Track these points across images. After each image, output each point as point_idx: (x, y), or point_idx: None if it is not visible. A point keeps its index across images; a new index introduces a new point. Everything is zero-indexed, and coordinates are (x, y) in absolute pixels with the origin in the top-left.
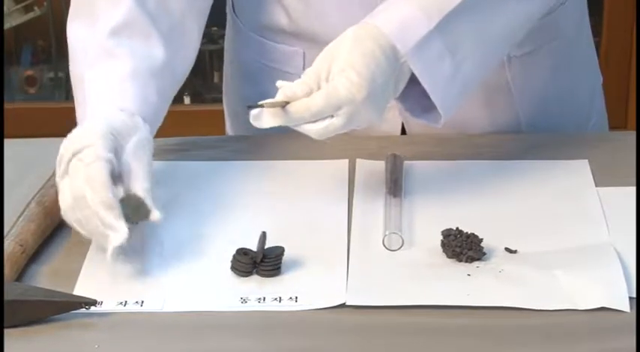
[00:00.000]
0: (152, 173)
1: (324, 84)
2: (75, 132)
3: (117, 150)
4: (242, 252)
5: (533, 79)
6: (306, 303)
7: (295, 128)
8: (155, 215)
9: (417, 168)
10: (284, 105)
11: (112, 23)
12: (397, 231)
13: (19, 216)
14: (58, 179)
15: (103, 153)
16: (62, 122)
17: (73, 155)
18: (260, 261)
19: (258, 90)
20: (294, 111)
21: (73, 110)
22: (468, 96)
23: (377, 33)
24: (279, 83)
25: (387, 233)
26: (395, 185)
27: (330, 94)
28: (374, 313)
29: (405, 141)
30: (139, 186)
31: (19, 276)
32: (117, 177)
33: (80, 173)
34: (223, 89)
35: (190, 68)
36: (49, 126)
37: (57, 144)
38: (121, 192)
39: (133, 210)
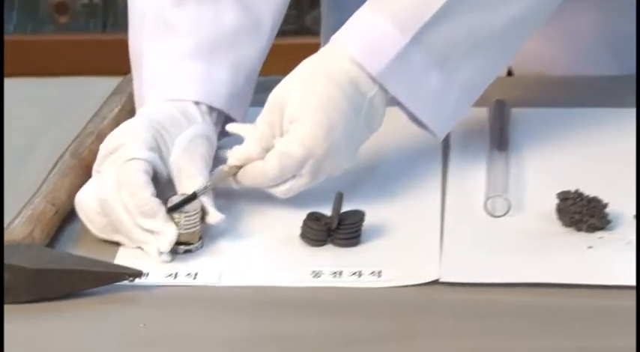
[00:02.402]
0: (207, 174)
1: (278, 142)
2: (115, 129)
3: (161, 150)
4: (314, 217)
5: None
6: (392, 279)
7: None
8: (216, 216)
9: (528, 116)
10: (237, 171)
11: None
12: (502, 194)
13: (51, 170)
14: (93, 175)
15: (138, 151)
16: (99, 57)
17: (108, 155)
18: (335, 228)
19: (342, 19)
20: (249, 179)
21: (110, 43)
22: (471, 104)
23: (336, 65)
24: (225, 152)
25: (490, 195)
26: (500, 137)
27: (284, 156)
28: (472, 291)
29: (512, 84)
30: (190, 185)
31: (51, 241)
32: (166, 182)
33: (109, 174)
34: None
35: (280, 22)
36: (84, 61)
37: (94, 83)
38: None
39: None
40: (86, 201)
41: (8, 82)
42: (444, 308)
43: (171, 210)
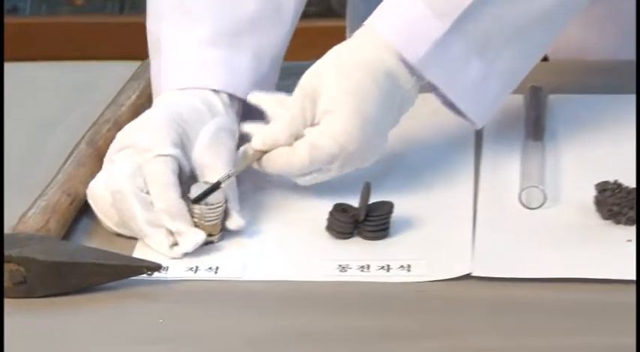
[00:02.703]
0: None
1: (309, 131)
2: (135, 121)
3: (185, 145)
4: (340, 209)
5: None
6: (421, 274)
7: None
8: (237, 221)
9: (565, 103)
10: (261, 156)
11: None
12: (538, 185)
13: (67, 159)
14: (105, 164)
15: (164, 147)
16: (116, 40)
17: (125, 147)
18: (363, 220)
19: (369, 1)
20: (273, 166)
21: (128, 26)
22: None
23: (373, 55)
24: (248, 127)
25: (524, 186)
26: (536, 126)
27: (315, 149)
28: (505, 287)
29: (548, 70)
30: (215, 179)
31: (67, 233)
32: (188, 178)
33: (124, 165)
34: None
35: (303, 6)
36: (101, 45)
37: (111, 68)
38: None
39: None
40: (99, 193)
41: (21, 66)
42: (476, 305)
43: (196, 202)
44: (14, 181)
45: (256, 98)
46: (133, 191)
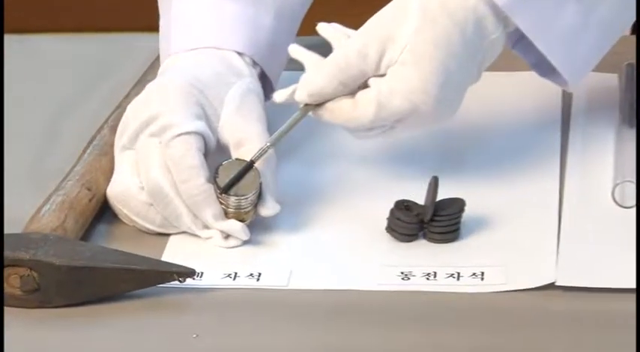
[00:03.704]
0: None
1: (376, 84)
2: (144, 93)
3: (207, 115)
4: (403, 207)
5: None
6: (497, 282)
7: None
8: (271, 207)
9: None
10: (306, 113)
11: None
12: (634, 179)
13: (87, 147)
14: (116, 151)
15: (186, 123)
16: (145, 9)
17: (142, 129)
18: (429, 220)
19: None
20: (329, 118)
21: None
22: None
23: (460, 1)
24: (303, 82)
25: (618, 181)
26: (632, 110)
27: (383, 108)
28: (595, 298)
29: None
30: (250, 151)
31: (87, 232)
32: (214, 151)
33: (154, 155)
34: None
35: None
36: (127, 14)
37: (139, 41)
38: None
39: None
40: (131, 194)
41: (34, 39)
42: (559, 319)
43: (225, 191)
44: (26, 173)
45: (297, 51)
46: (172, 183)
